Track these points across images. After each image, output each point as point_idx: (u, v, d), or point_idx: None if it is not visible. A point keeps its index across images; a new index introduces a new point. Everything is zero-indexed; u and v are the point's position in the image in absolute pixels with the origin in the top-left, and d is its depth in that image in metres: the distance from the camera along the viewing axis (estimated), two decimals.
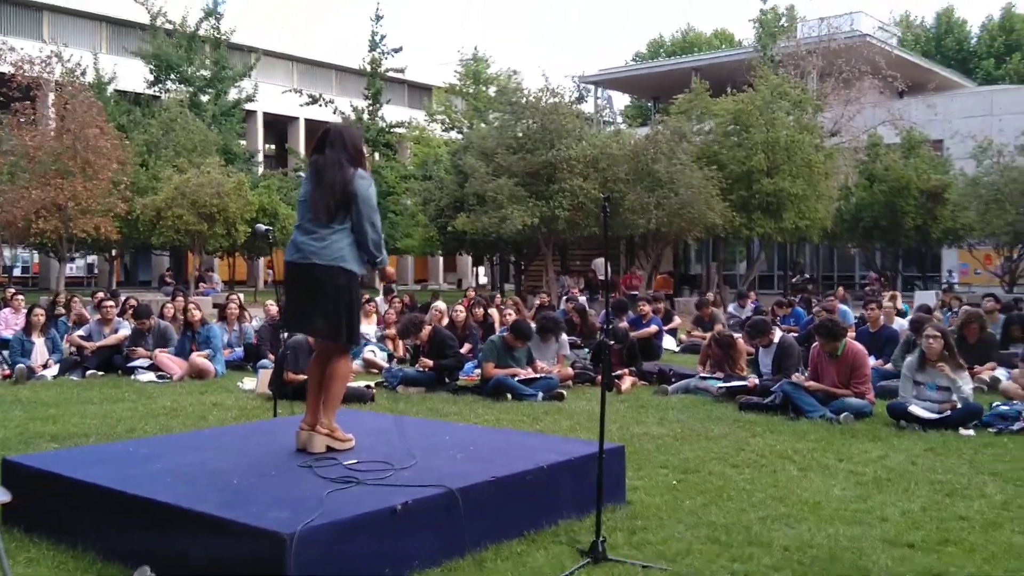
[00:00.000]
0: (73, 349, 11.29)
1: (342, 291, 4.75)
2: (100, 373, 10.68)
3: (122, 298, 14.17)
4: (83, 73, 29.47)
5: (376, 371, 10.87)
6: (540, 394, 8.88)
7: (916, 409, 7.37)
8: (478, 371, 9.78)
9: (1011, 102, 30.48)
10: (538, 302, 16.46)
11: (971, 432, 7.04)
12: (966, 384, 7.41)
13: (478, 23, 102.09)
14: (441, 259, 45.95)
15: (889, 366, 9.62)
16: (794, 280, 28.72)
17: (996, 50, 53.51)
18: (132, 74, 33.59)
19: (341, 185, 4.75)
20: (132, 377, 10.44)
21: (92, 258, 38.82)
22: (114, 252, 28.96)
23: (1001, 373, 9.27)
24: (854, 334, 10.46)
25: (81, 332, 11.55)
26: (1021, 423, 7.13)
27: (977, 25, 57.03)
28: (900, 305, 14.29)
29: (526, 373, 9.25)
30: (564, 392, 9.10)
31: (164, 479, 4.36)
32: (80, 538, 4.22)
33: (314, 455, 4.76)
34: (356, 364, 11.06)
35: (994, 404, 7.67)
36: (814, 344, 8.33)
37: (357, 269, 4.83)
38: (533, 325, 10.15)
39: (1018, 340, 10.78)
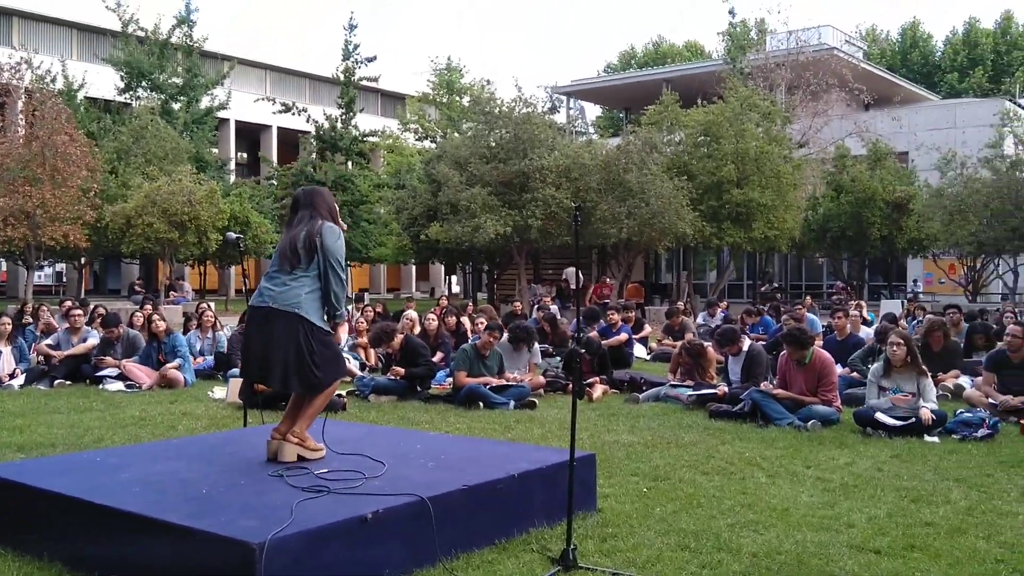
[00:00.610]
0: (40, 358, 11.16)
1: (294, 336, 4.75)
2: (68, 383, 10.56)
3: (91, 307, 14.03)
4: (53, 80, 29.16)
5: (349, 379, 10.84)
6: (512, 402, 8.90)
7: (882, 417, 7.48)
8: (450, 380, 9.78)
9: (974, 115, 31.02)
10: (510, 310, 16.48)
11: (936, 439, 7.15)
12: (930, 393, 7.54)
13: (452, 33, 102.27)
14: (414, 268, 45.87)
15: (856, 374, 9.74)
16: (763, 289, 28.99)
17: (960, 64, 54.47)
18: (103, 81, 33.27)
19: (307, 234, 4.86)
20: (100, 387, 10.33)
21: (61, 266, 38.33)
22: (83, 260, 28.60)
23: (965, 381, 9.43)
24: (821, 342, 10.59)
25: (49, 341, 11.42)
26: (985, 430, 7.25)
27: (941, 39, 58.07)
28: (865, 314, 14.50)
29: (498, 381, 9.27)
30: (536, 400, 9.13)
31: (132, 489, 4.33)
32: (47, 548, 4.17)
33: (285, 464, 4.74)
34: None
35: (958, 411, 7.79)
36: (782, 352, 8.42)
37: (315, 319, 4.83)
38: (506, 335, 10.18)
39: (981, 348, 10.97)
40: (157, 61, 32.59)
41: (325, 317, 4.88)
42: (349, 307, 15.15)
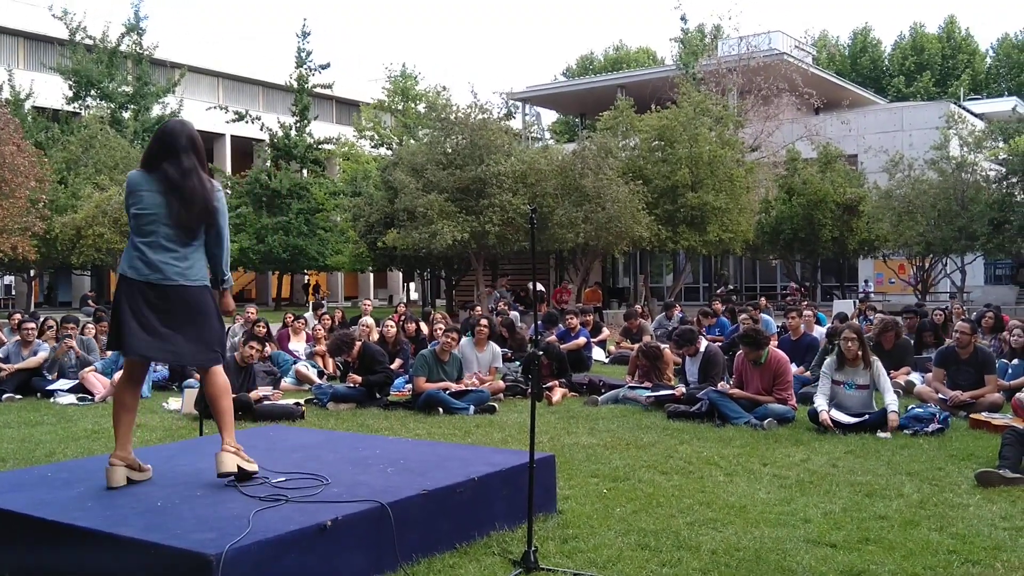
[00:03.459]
0: None
1: (212, 312, 4.56)
2: (18, 396, 10.32)
3: (41, 319, 13.72)
4: None
5: (308, 386, 10.75)
6: (471, 407, 8.89)
7: (837, 415, 7.60)
8: (409, 386, 9.74)
9: (921, 118, 31.75)
10: (468, 317, 16.45)
11: (888, 435, 7.28)
12: (889, 394, 7.66)
13: (407, 39, 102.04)
14: (372, 275, 45.63)
15: (808, 374, 9.89)
16: (718, 291, 29.33)
17: (907, 68, 55.70)
18: (51, 90, 32.69)
19: (203, 201, 4.44)
20: (52, 400, 10.12)
21: (9, 279, 37.52)
22: (32, 272, 28.04)
23: (915, 377, 9.63)
24: (776, 343, 10.74)
25: None
26: (935, 424, 7.39)
27: (890, 44, 59.31)
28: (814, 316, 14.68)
29: (457, 386, 9.26)
30: (495, 405, 9.13)
31: (85, 504, 4.24)
32: None
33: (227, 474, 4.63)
34: (287, 381, 10.93)
35: (910, 407, 7.94)
36: (738, 352, 8.52)
37: (208, 282, 4.61)
38: (467, 338, 10.20)
39: (930, 345, 11.23)
40: (106, 69, 32.13)
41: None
42: (306, 314, 15.02)
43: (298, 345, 12.94)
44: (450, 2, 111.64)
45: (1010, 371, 9.35)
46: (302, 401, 9.40)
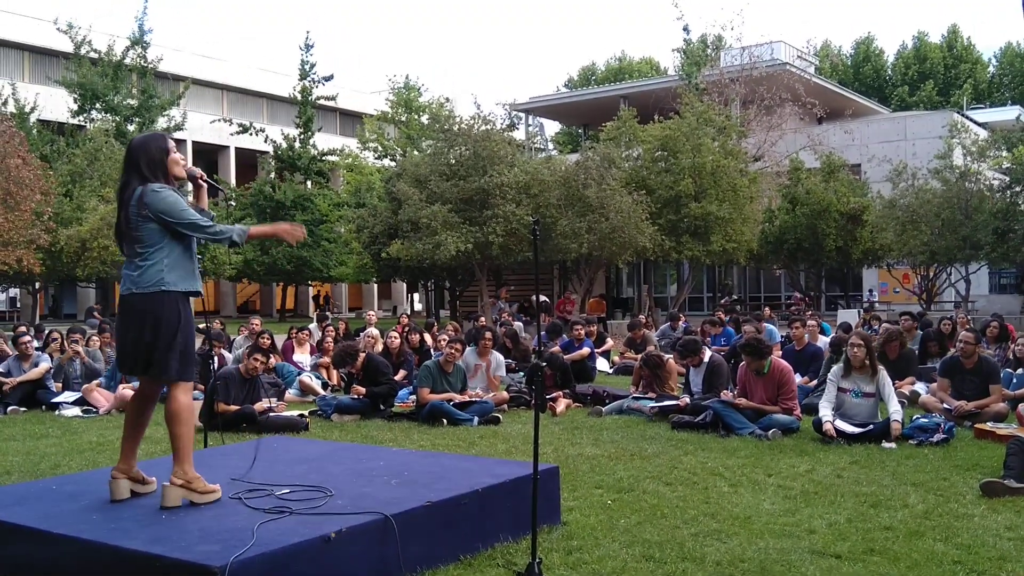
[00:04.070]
0: None
1: (163, 320, 4.34)
2: (22, 409, 10.34)
3: (46, 332, 13.77)
4: (4, 103, 28.71)
5: (313, 397, 10.76)
6: (475, 418, 8.89)
7: (841, 424, 7.59)
8: (413, 397, 9.74)
9: (924, 127, 31.73)
10: (472, 328, 16.46)
11: (893, 445, 7.26)
12: (888, 388, 7.67)
13: (410, 51, 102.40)
14: (376, 286, 45.68)
15: (814, 383, 9.87)
16: (723, 301, 29.31)
17: (910, 78, 55.74)
18: (56, 104, 32.83)
19: (136, 208, 4.37)
20: (57, 412, 10.14)
21: (15, 291, 37.60)
22: (38, 285, 28.11)
23: (920, 387, 9.60)
24: (780, 352, 10.72)
25: None
26: (940, 435, 7.38)
27: (893, 54, 59.36)
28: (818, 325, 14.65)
29: (461, 398, 9.26)
30: (499, 416, 9.12)
31: (90, 516, 4.25)
32: None
33: (244, 488, 4.64)
34: (292, 392, 10.93)
35: (915, 417, 7.92)
36: (742, 362, 8.51)
37: (182, 286, 4.41)
38: (470, 348, 10.22)
39: (935, 355, 11.19)
40: (111, 83, 32.25)
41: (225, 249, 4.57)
42: (311, 326, 15.02)
43: (303, 357, 12.95)
44: (453, 14, 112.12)
45: (1015, 380, 9.32)
46: (306, 413, 9.41)
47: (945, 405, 8.43)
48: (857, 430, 7.50)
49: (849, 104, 35.55)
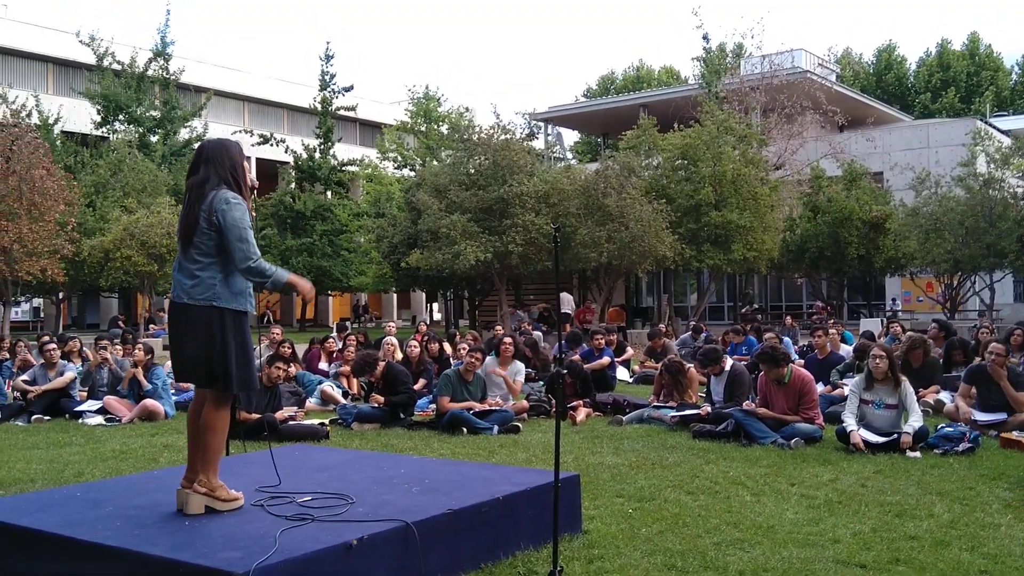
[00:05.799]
0: (17, 394, 11.02)
1: (215, 333, 4.27)
2: (46, 418, 10.43)
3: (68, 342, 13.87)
4: (28, 115, 29.10)
5: (333, 406, 10.79)
6: (495, 427, 8.87)
7: (865, 434, 7.52)
8: (433, 406, 9.74)
9: (947, 135, 31.48)
10: (491, 336, 16.46)
11: (918, 454, 7.19)
12: (911, 399, 7.58)
13: (430, 62, 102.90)
14: (395, 296, 45.80)
15: (837, 392, 9.79)
16: (744, 310, 29.15)
17: (933, 85, 55.35)
18: (79, 115, 33.24)
19: (206, 213, 4.25)
20: (80, 421, 10.22)
21: (38, 301, 38.01)
22: (61, 295, 28.39)
23: (945, 396, 9.50)
24: (802, 361, 10.65)
25: (25, 377, 11.27)
26: (966, 444, 7.30)
27: (915, 61, 59.01)
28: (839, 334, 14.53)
29: (481, 406, 9.25)
30: (519, 425, 9.11)
31: (114, 523, 4.27)
32: None
33: (266, 495, 4.67)
34: (312, 401, 10.97)
35: (939, 426, 7.84)
36: (762, 372, 8.45)
37: (236, 305, 4.33)
38: (490, 358, 10.21)
39: (960, 364, 11.06)
40: (134, 94, 32.62)
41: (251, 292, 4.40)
42: (332, 336, 15.08)
43: (323, 365, 13.00)
44: (472, 24, 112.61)
45: None
46: (327, 421, 9.44)
47: (974, 417, 8.29)
48: (881, 439, 7.42)
49: (871, 112, 35.34)
